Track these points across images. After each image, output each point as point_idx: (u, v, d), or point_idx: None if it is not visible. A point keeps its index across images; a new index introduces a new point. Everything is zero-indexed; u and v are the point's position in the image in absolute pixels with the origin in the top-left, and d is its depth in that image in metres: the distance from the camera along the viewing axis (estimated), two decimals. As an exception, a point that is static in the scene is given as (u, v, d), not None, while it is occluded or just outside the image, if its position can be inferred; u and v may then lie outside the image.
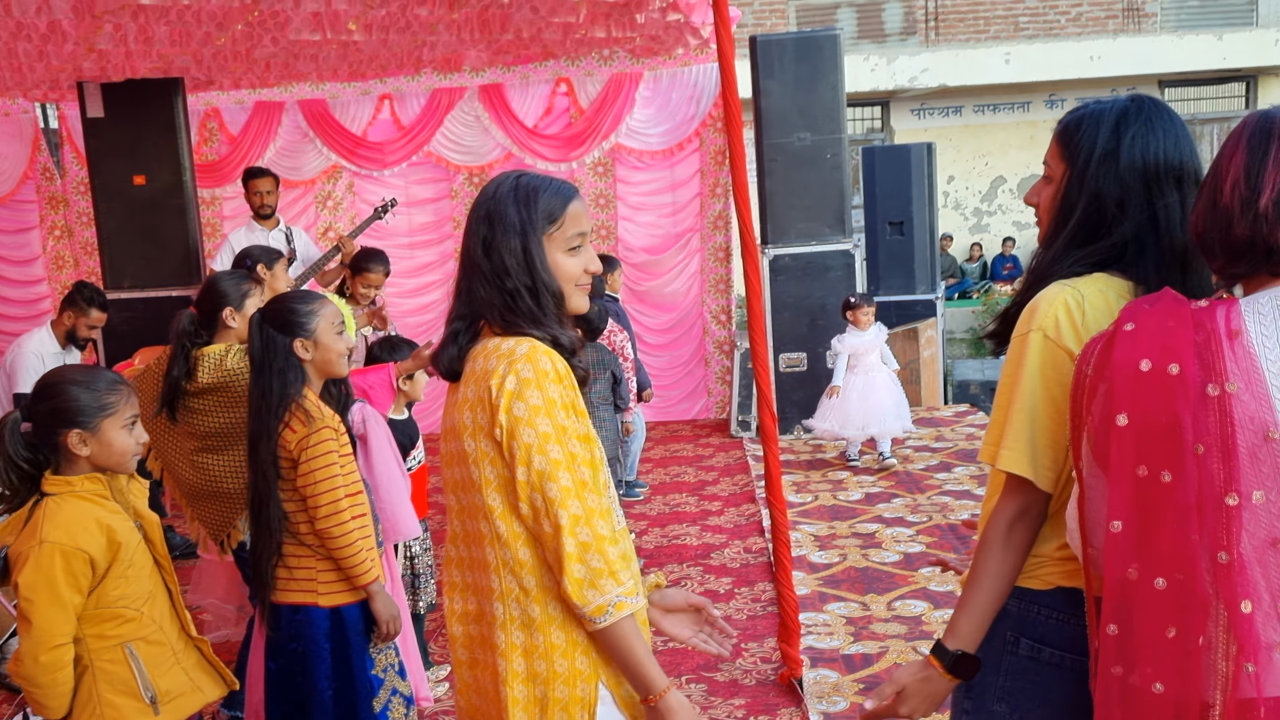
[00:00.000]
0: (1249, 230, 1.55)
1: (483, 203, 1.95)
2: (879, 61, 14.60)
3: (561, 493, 1.79)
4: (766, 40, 7.59)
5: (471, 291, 1.93)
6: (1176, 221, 1.81)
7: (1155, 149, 1.84)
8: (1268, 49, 15.12)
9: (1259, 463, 1.46)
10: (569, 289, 1.94)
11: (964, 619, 1.88)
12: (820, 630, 4.41)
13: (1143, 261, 1.80)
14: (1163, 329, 1.54)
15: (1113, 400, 1.55)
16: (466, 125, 8.33)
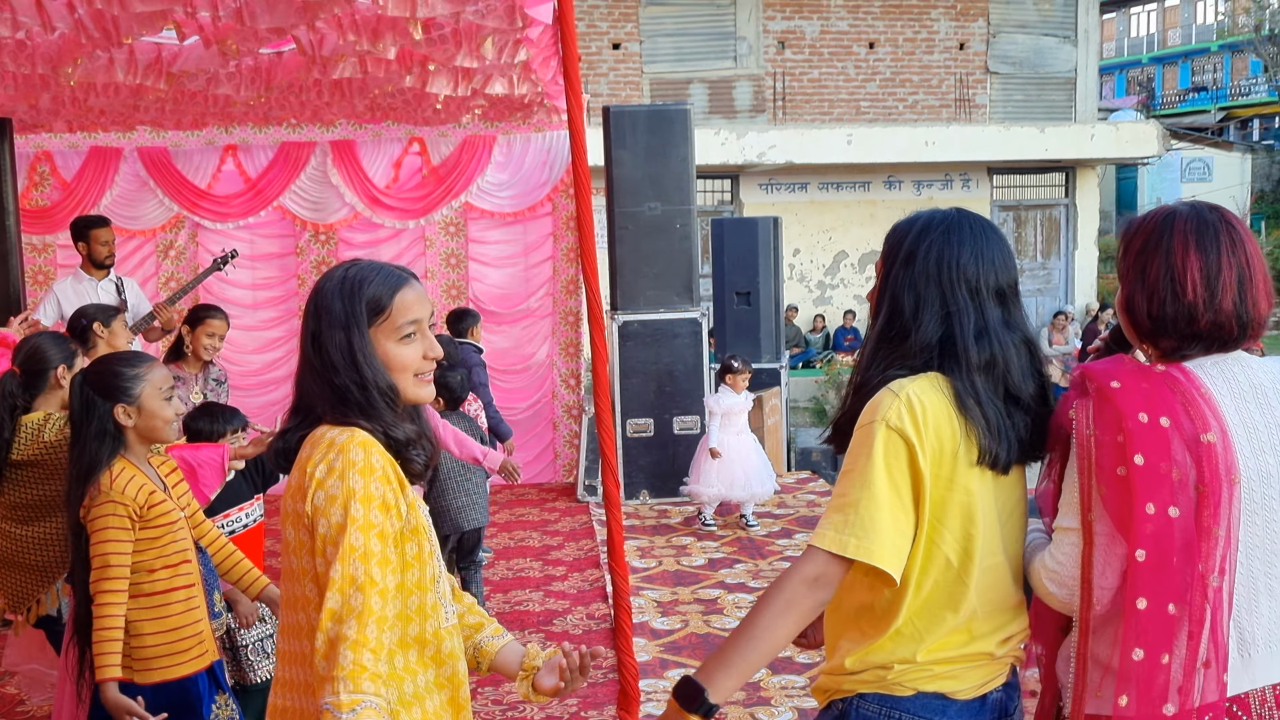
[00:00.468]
0: (1211, 322, 1.84)
1: (313, 296, 1.92)
2: (729, 136, 15.07)
3: (343, 579, 1.72)
4: (620, 111, 7.75)
5: (304, 384, 1.90)
6: (970, 329, 1.87)
7: (950, 259, 1.90)
8: (1084, 143, 16.28)
9: (1230, 501, 1.78)
10: (403, 380, 1.90)
11: (733, 676, 1.81)
12: (660, 698, 4.40)
13: (954, 363, 1.88)
14: (1143, 388, 1.82)
15: (1130, 444, 1.78)
16: (315, 181, 8.19)
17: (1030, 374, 1.90)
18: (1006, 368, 1.87)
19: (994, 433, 1.84)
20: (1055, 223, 17.41)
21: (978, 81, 16.86)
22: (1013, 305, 1.93)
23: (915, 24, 16.58)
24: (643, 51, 15.99)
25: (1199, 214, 1.88)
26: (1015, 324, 1.91)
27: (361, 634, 1.70)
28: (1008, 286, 1.92)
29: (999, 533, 1.90)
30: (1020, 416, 1.89)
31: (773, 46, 16.29)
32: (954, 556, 1.85)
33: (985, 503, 1.86)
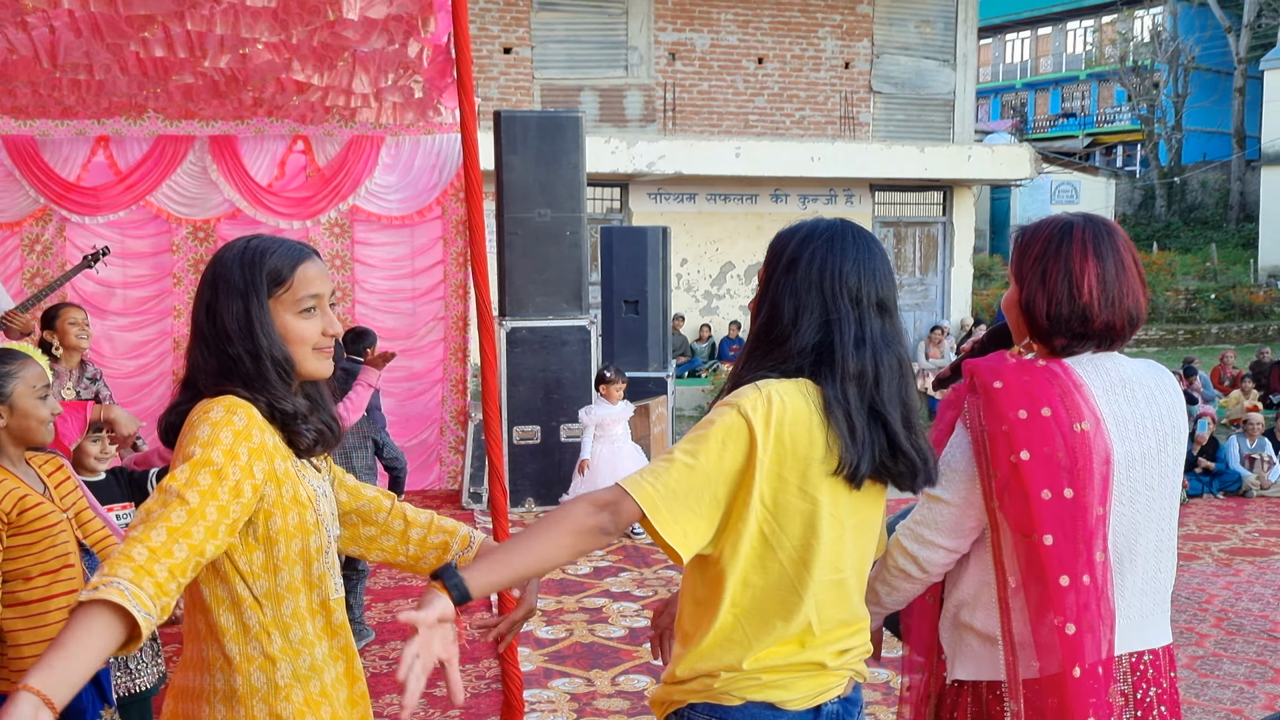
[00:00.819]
0: (1105, 322, 2.04)
1: (210, 266, 1.89)
2: (619, 145, 15.12)
3: (179, 501, 1.64)
4: (511, 116, 7.70)
5: (194, 357, 1.88)
6: (850, 337, 1.86)
7: (833, 268, 1.89)
8: (961, 163, 16.83)
9: (1105, 483, 1.98)
10: (301, 353, 1.88)
11: (495, 574, 1.71)
12: (544, 707, 4.37)
13: (828, 371, 1.86)
14: (1024, 383, 2.00)
15: (1015, 440, 1.97)
16: (192, 177, 7.92)
17: (897, 397, 1.87)
18: (877, 382, 1.85)
19: (857, 444, 1.81)
20: (933, 240, 17.94)
21: (861, 100, 17.28)
22: (892, 319, 1.92)
23: (803, 41, 16.91)
24: (534, 57, 15.93)
25: (1093, 225, 2.09)
26: (892, 339, 1.89)
27: (168, 546, 1.60)
28: (889, 300, 1.92)
29: (848, 549, 1.86)
30: (881, 433, 1.85)
31: (664, 57, 16.42)
32: (789, 563, 1.82)
33: (834, 516, 1.83)
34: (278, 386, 1.85)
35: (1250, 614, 6.30)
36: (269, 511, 1.81)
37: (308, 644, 1.86)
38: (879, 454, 1.84)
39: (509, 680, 3.88)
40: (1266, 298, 22.09)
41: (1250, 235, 27.32)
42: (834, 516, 1.83)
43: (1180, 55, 31.28)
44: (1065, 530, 1.95)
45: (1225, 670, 5.35)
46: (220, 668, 1.80)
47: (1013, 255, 2.18)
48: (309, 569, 1.86)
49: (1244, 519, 8.89)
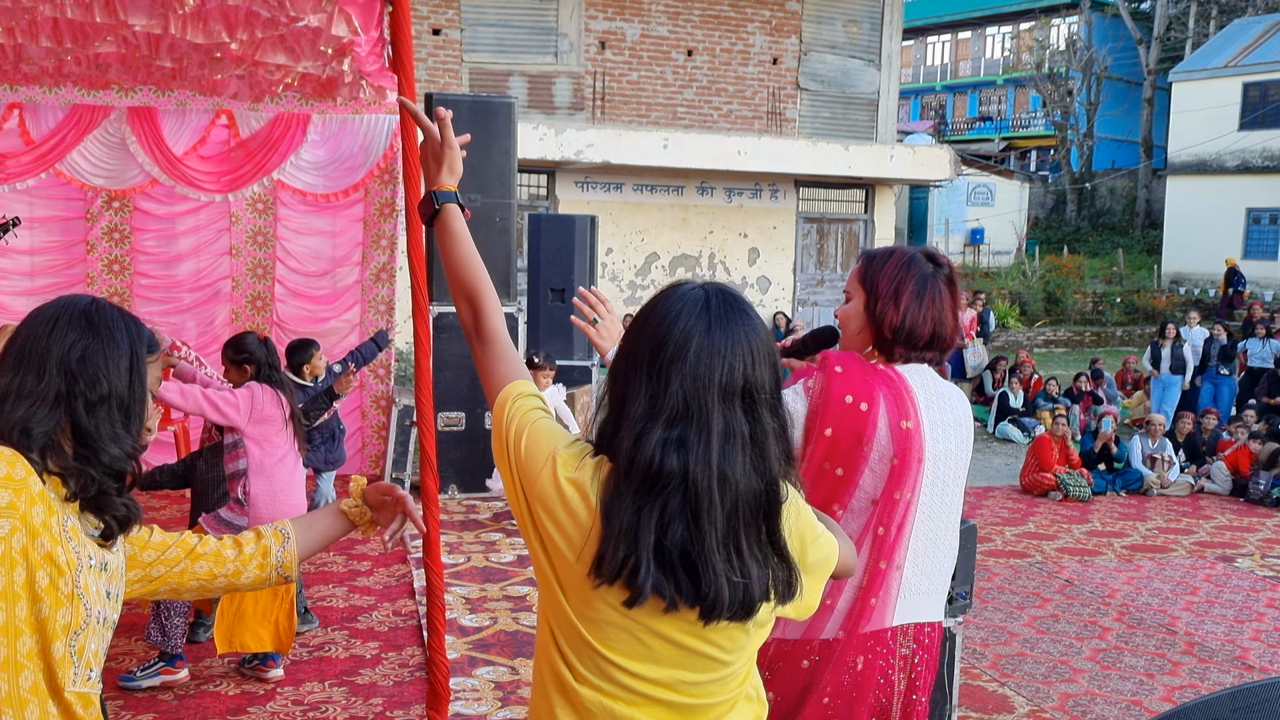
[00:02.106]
0: (940, 338, 2.41)
1: (72, 309, 1.74)
2: (547, 132, 15.05)
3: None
4: (442, 99, 7.62)
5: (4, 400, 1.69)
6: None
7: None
8: (884, 163, 17.11)
9: (917, 475, 2.32)
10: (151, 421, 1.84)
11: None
12: (469, 696, 4.36)
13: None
14: (861, 378, 2.32)
15: (826, 417, 2.28)
16: (108, 146, 7.67)
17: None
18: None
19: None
20: (855, 237, 18.22)
21: (789, 96, 17.46)
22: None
23: (732, 35, 17.01)
24: (463, 40, 15.76)
25: (933, 259, 2.46)
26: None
27: None
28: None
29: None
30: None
31: (594, 45, 16.38)
32: None
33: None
34: (104, 446, 1.70)
35: (1150, 609, 6.55)
36: (14, 564, 1.56)
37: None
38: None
39: (435, 669, 3.86)
40: (1169, 303, 22.90)
41: (1155, 242, 28.29)
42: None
43: (1094, 64, 32.21)
44: (825, 502, 2.28)
45: (1126, 663, 5.56)
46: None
47: (862, 273, 2.46)
48: (46, 646, 1.60)
49: (1145, 516, 9.23)
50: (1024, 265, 25.02)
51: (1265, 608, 6.68)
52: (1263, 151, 24.59)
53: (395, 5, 3.89)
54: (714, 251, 17.39)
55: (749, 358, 1.60)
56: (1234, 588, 7.10)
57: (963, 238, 28.07)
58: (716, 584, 1.54)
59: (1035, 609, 6.39)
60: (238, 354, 4.62)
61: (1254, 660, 5.72)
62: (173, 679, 4.40)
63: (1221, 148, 25.13)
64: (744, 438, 1.57)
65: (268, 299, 8.21)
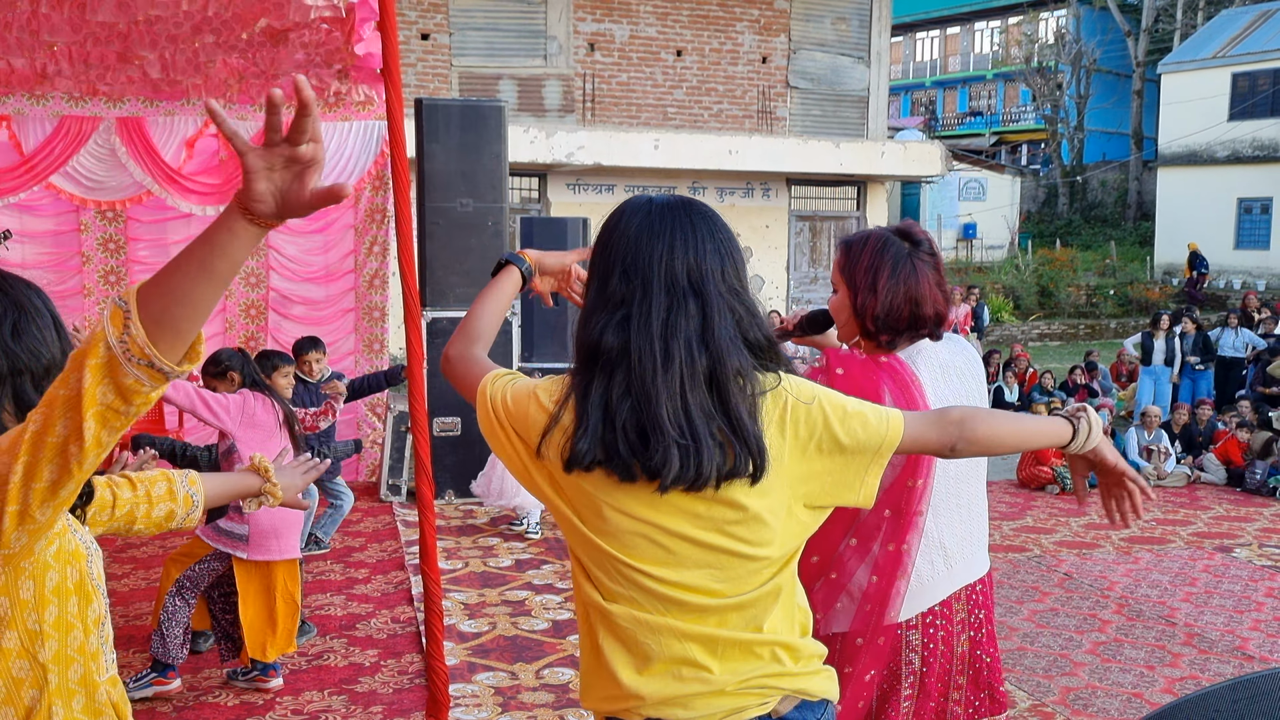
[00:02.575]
0: (919, 317, 2.41)
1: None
2: (538, 134, 15.04)
3: None
4: (433, 104, 7.61)
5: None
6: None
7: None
8: (875, 159, 17.12)
9: (930, 464, 2.33)
10: None
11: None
12: (468, 702, 4.35)
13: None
14: (864, 376, 2.30)
15: None
16: (99, 159, 7.66)
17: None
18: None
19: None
20: (848, 234, 18.23)
21: (779, 95, 17.46)
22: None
23: (721, 35, 17.01)
24: (452, 44, 15.75)
25: (908, 235, 2.45)
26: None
27: None
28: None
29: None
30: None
31: (583, 48, 16.37)
32: None
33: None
34: None
35: (1149, 600, 6.56)
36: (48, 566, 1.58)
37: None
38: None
39: (434, 675, 3.85)
40: (1162, 294, 22.93)
41: (1147, 233, 28.32)
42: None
43: (1083, 57, 32.26)
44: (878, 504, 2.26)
45: (1126, 655, 5.57)
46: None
47: (841, 265, 2.47)
48: (85, 639, 1.63)
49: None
50: (1017, 259, 25.05)
51: (1264, 597, 6.69)
52: (1253, 141, 24.63)
53: (382, 13, 3.88)
54: (707, 251, 17.38)
55: (692, 240, 1.69)
56: (1232, 578, 7.11)
57: (955, 233, 28.10)
58: (664, 446, 1.58)
59: (1034, 603, 6.39)
60: (216, 366, 4.66)
61: (1254, 650, 5.72)
62: (165, 689, 4.38)
63: (1212, 138, 25.18)
64: (690, 314, 1.63)
65: (262, 307, 8.20)
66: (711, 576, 1.67)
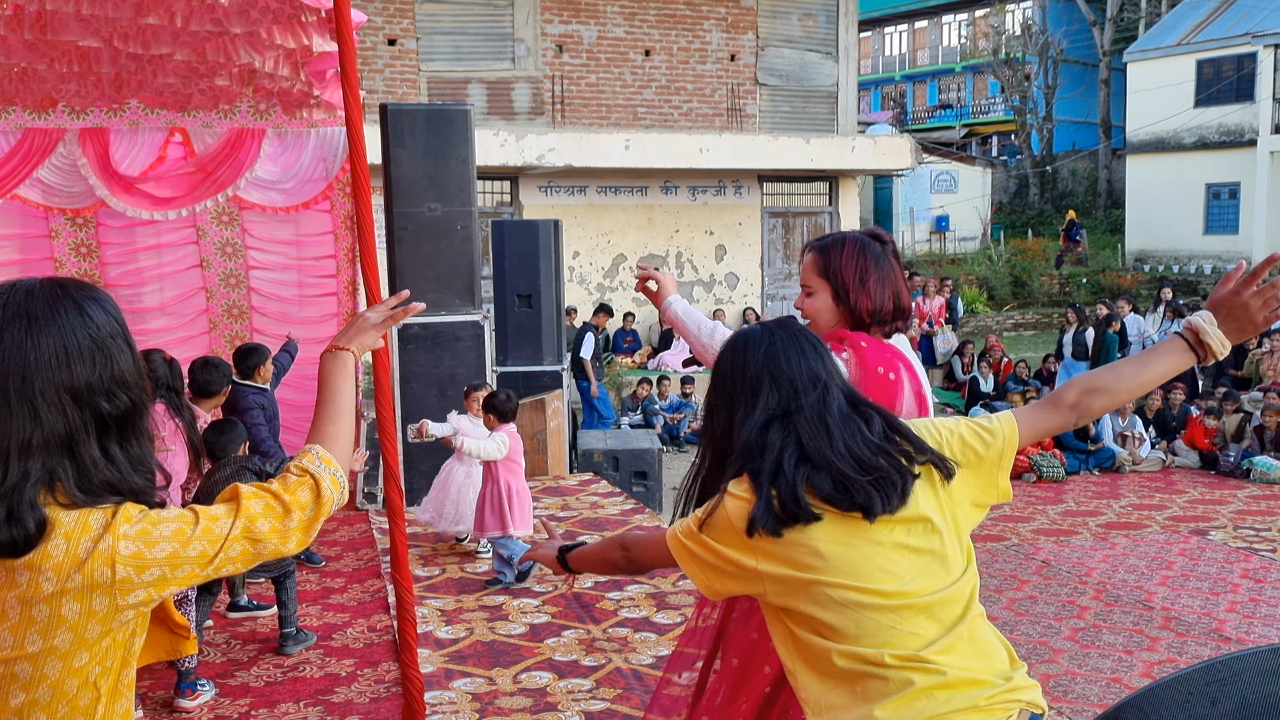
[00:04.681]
0: (894, 309, 2.67)
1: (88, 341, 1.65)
2: (508, 138, 14.99)
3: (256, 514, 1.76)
4: (398, 109, 7.56)
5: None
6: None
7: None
8: (846, 154, 17.16)
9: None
10: None
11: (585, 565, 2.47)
12: (446, 709, 4.31)
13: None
14: (881, 351, 2.60)
15: (864, 387, 2.45)
16: (62, 171, 7.56)
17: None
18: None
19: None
20: (820, 229, 18.25)
21: (748, 92, 17.47)
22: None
23: (689, 34, 17.01)
24: (419, 49, 15.68)
25: (877, 238, 2.70)
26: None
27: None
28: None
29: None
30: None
31: (551, 49, 16.33)
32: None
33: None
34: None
35: (1126, 585, 6.59)
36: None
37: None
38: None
39: (409, 684, 3.81)
40: (1134, 280, 23.09)
41: (1117, 221, 28.52)
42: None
43: (1049, 48, 32.45)
44: None
45: (1105, 641, 5.58)
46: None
47: (821, 267, 2.65)
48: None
49: (1118, 494, 9.29)
50: (990, 250, 25.17)
51: (1239, 579, 6.74)
52: (1219, 127, 24.84)
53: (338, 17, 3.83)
54: (680, 250, 17.38)
55: (805, 344, 2.08)
56: (1208, 560, 7.15)
57: (928, 225, 28.20)
58: (861, 488, 1.91)
59: (1013, 591, 6.41)
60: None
61: (1230, 631, 5.75)
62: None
63: (1178, 125, 25.37)
64: (834, 394, 2.02)
65: (244, 307, 8.17)
66: (927, 577, 1.94)
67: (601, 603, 5.59)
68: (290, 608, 5.02)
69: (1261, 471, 9.64)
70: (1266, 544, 7.53)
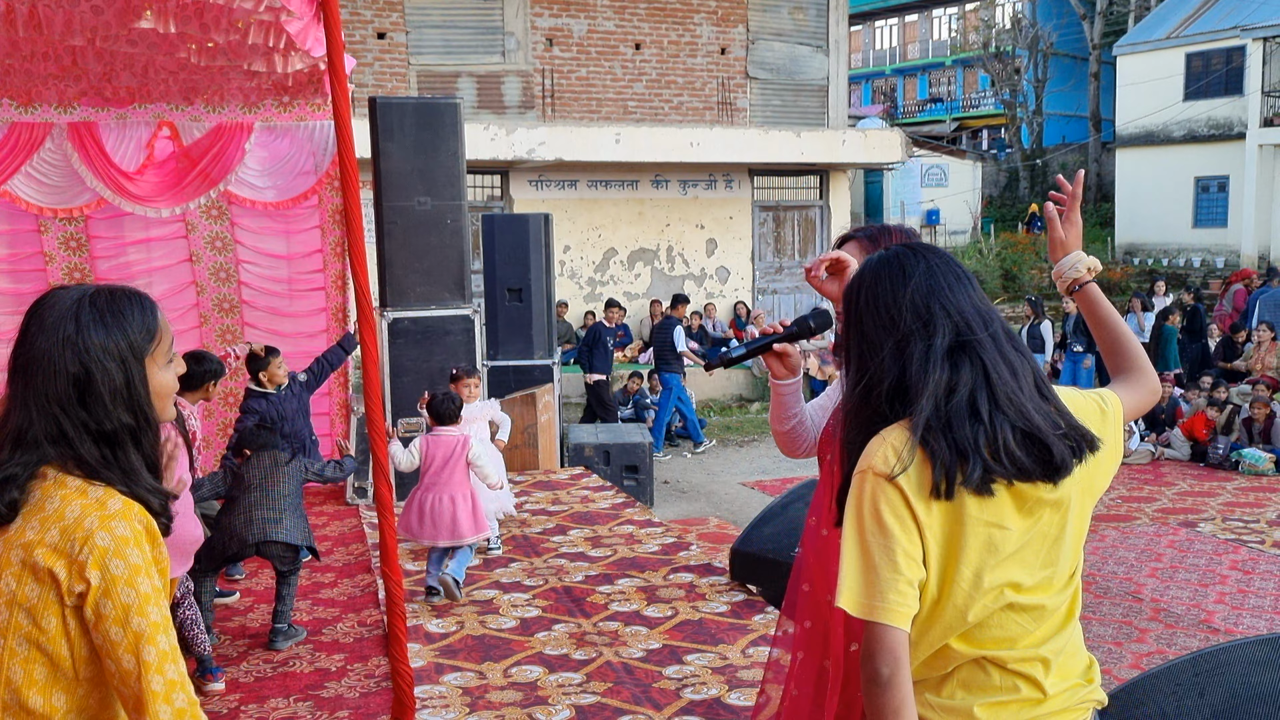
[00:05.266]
0: None
1: (56, 331, 1.69)
2: (499, 132, 14.96)
3: (159, 657, 1.63)
4: (387, 103, 7.54)
5: (37, 431, 1.67)
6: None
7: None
8: (836, 148, 17.15)
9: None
10: (165, 407, 1.79)
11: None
12: (436, 703, 4.31)
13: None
14: None
15: None
16: (53, 165, 7.52)
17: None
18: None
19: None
20: (811, 223, 18.26)
21: (738, 86, 17.45)
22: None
23: (679, 27, 16.98)
24: (409, 42, 15.63)
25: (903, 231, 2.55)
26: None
27: (192, 698, 1.67)
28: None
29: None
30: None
31: (541, 43, 16.29)
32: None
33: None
34: (145, 470, 1.73)
35: (1115, 577, 6.61)
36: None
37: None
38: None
39: (399, 678, 3.82)
40: (1123, 274, 23.15)
41: (1107, 214, 28.58)
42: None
43: (1039, 41, 32.49)
44: None
45: (1094, 632, 5.60)
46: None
47: (863, 250, 2.43)
48: (181, 667, 1.74)
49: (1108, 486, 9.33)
50: (980, 244, 25.21)
51: (1228, 570, 6.76)
52: (1208, 120, 24.90)
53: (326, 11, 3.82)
54: (671, 244, 17.36)
55: (964, 274, 1.86)
56: (1197, 552, 7.18)
57: (918, 219, 28.22)
58: (1053, 443, 1.73)
59: (1003, 584, 6.43)
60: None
61: (1219, 623, 5.77)
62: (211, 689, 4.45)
63: (1168, 118, 25.43)
64: (998, 333, 1.80)
65: (235, 301, 8.14)
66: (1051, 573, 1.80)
67: (592, 596, 5.59)
68: (288, 603, 5.04)
69: (1250, 464, 9.67)
70: (1255, 535, 7.56)
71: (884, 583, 1.67)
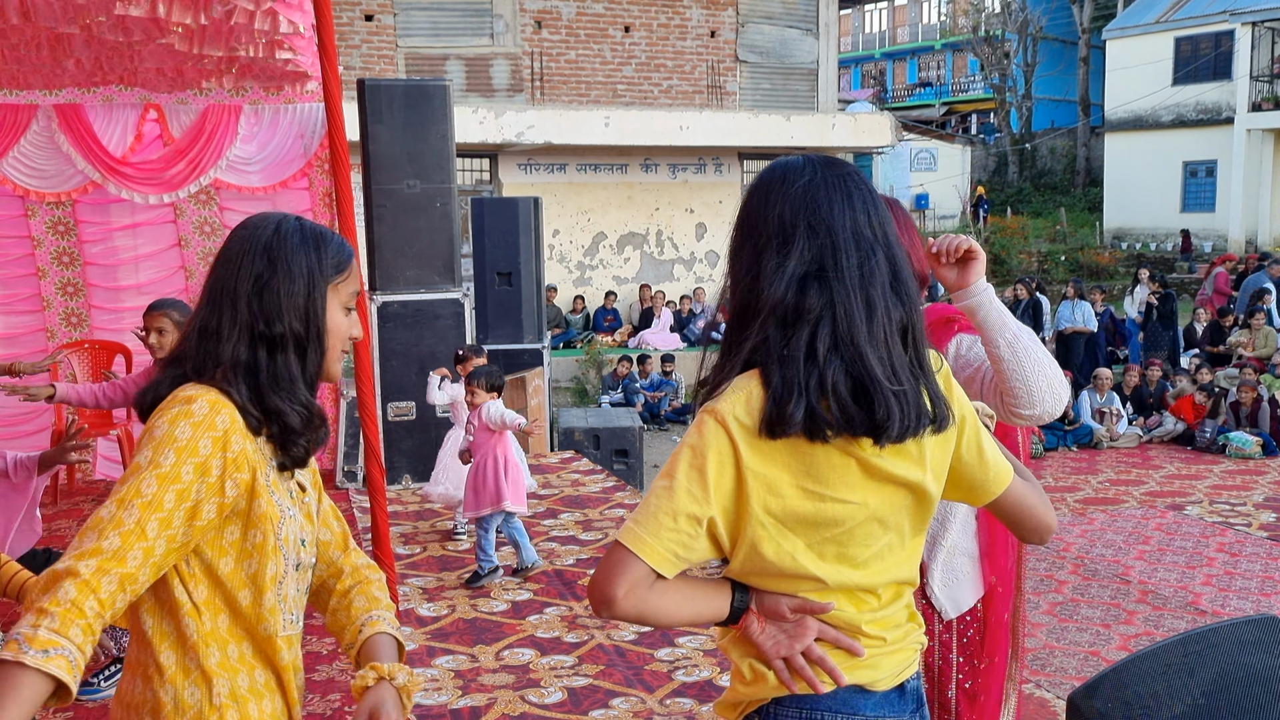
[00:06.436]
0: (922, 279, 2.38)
1: (257, 239, 1.73)
2: (487, 115, 14.90)
3: (110, 520, 1.52)
4: (375, 85, 7.49)
5: (200, 337, 1.70)
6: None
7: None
8: (826, 132, 17.14)
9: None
10: (336, 350, 1.78)
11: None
12: (428, 686, 4.31)
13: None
14: (940, 310, 2.59)
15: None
16: (40, 148, 7.46)
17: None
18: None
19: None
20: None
21: (728, 69, 17.41)
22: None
23: (669, 10, 16.92)
24: (397, 25, 15.54)
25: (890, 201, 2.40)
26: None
27: (96, 579, 1.48)
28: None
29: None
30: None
31: (530, 26, 16.22)
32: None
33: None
34: (298, 383, 1.72)
35: (1104, 559, 6.65)
36: (228, 521, 1.66)
37: (247, 665, 1.70)
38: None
39: (392, 661, 3.81)
40: (1111, 258, 23.23)
41: (1096, 199, 28.66)
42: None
43: (1029, 25, 32.48)
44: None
45: (1083, 615, 5.64)
46: (153, 676, 1.65)
47: (902, 223, 2.35)
48: (258, 597, 1.69)
49: (1096, 469, 9.37)
50: (969, 228, 25.25)
51: (1215, 552, 6.81)
52: (1196, 105, 24.95)
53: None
54: (661, 228, 17.34)
55: (866, 194, 1.66)
56: (1184, 534, 7.23)
57: (908, 203, 28.26)
58: (884, 397, 1.51)
59: (992, 567, 6.46)
60: None
61: (1206, 605, 5.82)
62: None
63: (1156, 103, 25.47)
64: (880, 266, 1.58)
65: (206, 298, 8.09)
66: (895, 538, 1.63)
67: (583, 580, 5.60)
68: None
69: (1237, 447, 9.73)
70: (1241, 518, 7.62)
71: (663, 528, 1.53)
